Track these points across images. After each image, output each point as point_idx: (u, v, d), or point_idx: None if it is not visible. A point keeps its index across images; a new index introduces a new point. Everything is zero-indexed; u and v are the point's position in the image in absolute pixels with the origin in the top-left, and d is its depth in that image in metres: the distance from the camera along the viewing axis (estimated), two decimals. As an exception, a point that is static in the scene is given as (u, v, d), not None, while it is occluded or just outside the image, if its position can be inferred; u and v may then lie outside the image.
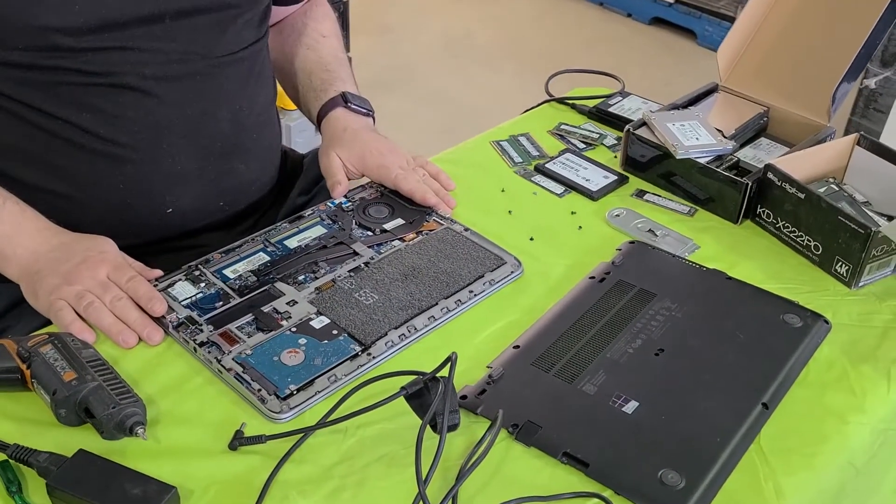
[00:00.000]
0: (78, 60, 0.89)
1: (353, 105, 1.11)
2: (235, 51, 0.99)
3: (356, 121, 1.11)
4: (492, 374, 0.82)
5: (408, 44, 3.34)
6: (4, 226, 0.89)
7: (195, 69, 0.95)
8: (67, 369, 0.75)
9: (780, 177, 1.01)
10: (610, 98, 1.29)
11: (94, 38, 0.88)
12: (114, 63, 0.90)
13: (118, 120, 0.93)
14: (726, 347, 0.86)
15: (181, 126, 0.96)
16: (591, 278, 0.94)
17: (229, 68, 0.99)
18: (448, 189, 1.07)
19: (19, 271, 0.89)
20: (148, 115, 0.94)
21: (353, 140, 1.08)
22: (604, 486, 0.72)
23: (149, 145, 0.95)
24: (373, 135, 1.10)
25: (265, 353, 0.82)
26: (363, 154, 1.06)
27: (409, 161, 1.08)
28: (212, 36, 0.96)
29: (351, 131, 1.09)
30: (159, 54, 0.92)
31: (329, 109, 1.11)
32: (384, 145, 1.08)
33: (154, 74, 0.92)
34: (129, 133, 0.94)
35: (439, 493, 0.70)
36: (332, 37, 1.20)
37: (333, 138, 1.09)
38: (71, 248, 0.89)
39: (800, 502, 0.74)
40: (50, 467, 0.70)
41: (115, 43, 0.89)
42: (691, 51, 3.36)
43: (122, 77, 0.91)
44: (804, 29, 1.19)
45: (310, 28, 1.18)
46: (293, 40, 1.18)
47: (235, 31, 0.98)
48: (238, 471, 0.73)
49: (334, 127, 1.10)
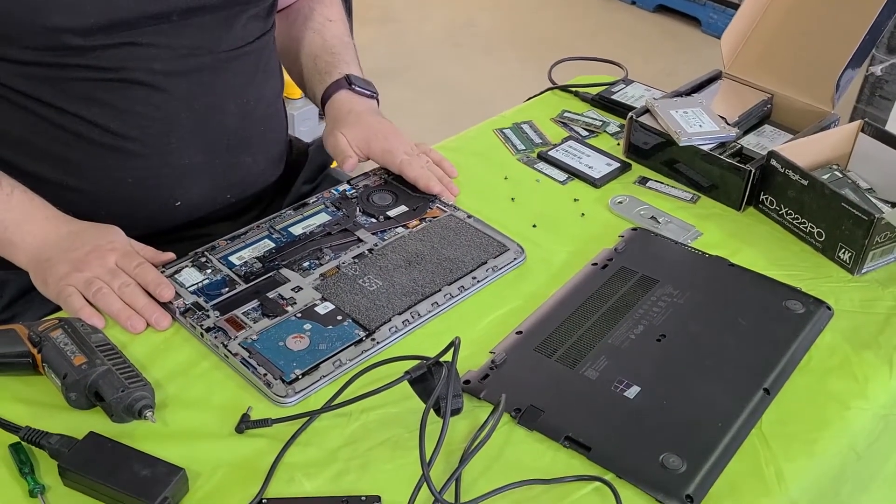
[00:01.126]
0: (88, 58, 0.90)
1: (357, 87, 1.12)
2: (242, 45, 0.99)
3: (360, 103, 1.11)
4: (494, 360, 0.82)
5: (411, 32, 3.34)
6: (13, 213, 0.90)
7: (203, 64, 0.96)
8: (77, 354, 0.76)
9: (783, 163, 1.01)
10: (613, 86, 1.29)
11: (104, 36, 0.89)
12: (123, 59, 0.91)
13: (127, 114, 0.94)
14: (728, 333, 0.86)
15: (189, 120, 0.97)
16: (593, 265, 0.95)
17: (236, 62, 0.99)
18: (451, 176, 1.08)
19: (28, 258, 0.90)
20: (157, 109, 0.95)
21: (357, 122, 1.08)
22: (605, 470, 0.73)
23: (157, 139, 0.96)
24: (377, 118, 1.10)
25: (271, 339, 0.83)
26: (368, 137, 1.06)
27: (413, 147, 1.08)
28: (219, 31, 0.96)
29: (355, 114, 1.09)
30: (168, 50, 0.93)
31: (333, 92, 1.12)
32: (388, 129, 1.08)
33: (163, 70, 0.93)
34: (138, 127, 0.95)
35: (442, 475, 0.71)
36: (338, 21, 1.20)
37: (338, 120, 1.09)
38: (80, 236, 0.90)
39: (801, 487, 0.74)
40: (61, 449, 0.71)
41: (124, 40, 0.90)
42: (695, 38, 3.35)
43: (132, 73, 0.92)
44: (808, 16, 1.18)
45: (316, 13, 1.19)
46: (300, 24, 1.18)
47: (242, 26, 0.99)
48: (245, 453, 0.74)
49: (338, 109, 1.10)
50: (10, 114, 0.93)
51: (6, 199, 0.90)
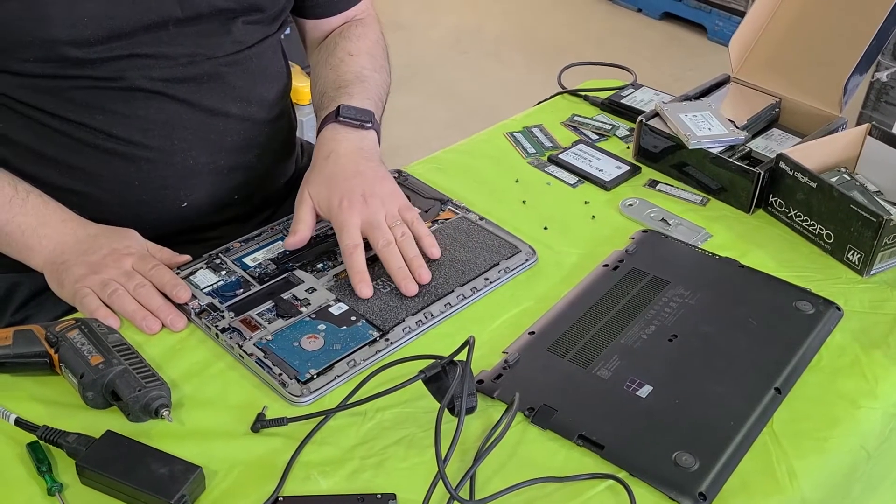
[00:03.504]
0: (88, 68, 0.91)
1: (345, 117, 0.98)
2: (240, 49, 1.00)
3: (345, 141, 0.97)
4: (507, 360, 0.83)
5: (418, 39, 3.36)
6: (29, 218, 0.91)
7: (202, 70, 0.97)
8: (94, 353, 0.77)
9: (792, 166, 1.02)
10: (622, 90, 1.30)
11: (103, 48, 0.90)
12: (122, 69, 0.92)
13: (130, 120, 0.95)
14: (739, 333, 0.87)
15: (191, 123, 0.98)
16: (604, 266, 0.96)
17: (236, 66, 1.00)
18: (431, 258, 0.93)
19: (44, 261, 0.91)
20: (158, 113, 0.96)
21: (330, 175, 0.94)
22: (618, 468, 0.74)
23: (161, 142, 0.97)
24: (357, 165, 0.95)
25: (285, 339, 0.84)
26: (330, 199, 0.92)
27: (392, 213, 0.93)
28: (215, 38, 0.97)
29: (334, 157, 0.96)
30: (166, 59, 0.94)
31: (322, 127, 1.00)
32: (364, 186, 0.93)
33: (162, 77, 0.95)
34: (141, 132, 0.96)
35: (457, 474, 0.71)
36: (360, 55, 1.10)
37: (314, 166, 0.96)
38: (97, 239, 0.91)
39: (813, 484, 0.75)
40: (79, 448, 0.71)
41: (122, 51, 0.91)
42: (702, 46, 3.36)
43: (132, 81, 0.93)
44: (815, 20, 1.19)
45: (339, 48, 1.11)
46: (322, 61, 1.12)
47: (239, 32, 0.99)
48: (260, 452, 0.75)
49: (319, 151, 0.98)
50: (16, 123, 0.95)
51: (22, 204, 0.92)
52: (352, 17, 1.16)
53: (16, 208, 0.91)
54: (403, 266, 0.90)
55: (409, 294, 0.89)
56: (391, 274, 0.90)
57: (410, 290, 0.89)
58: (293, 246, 0.93)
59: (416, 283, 0.89)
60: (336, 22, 1.15)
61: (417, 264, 0.90)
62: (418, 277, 0.90)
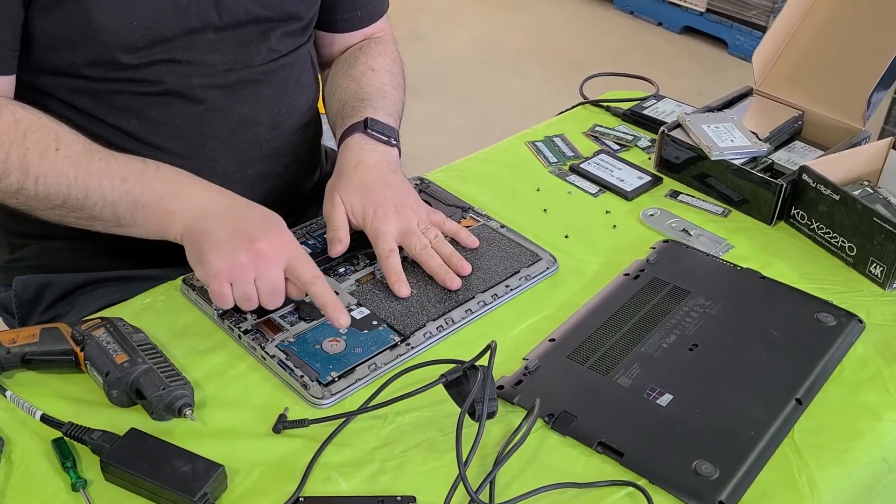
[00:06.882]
0: (132, 72, 0.92)
1: (373, 131, 1.00)
2: (276, 58, 1.01)
3: (373, 152, 0.99)
4: (528, 366, 0.83)
5: (438, 50, 3.38)
6: (165, 185, 0.87)
7: (239, 77, 0.98)
8: (119, 352, 0.78)
9: (815, 178, 1.02)
10: (644, 101, 1.30)
11: (146, 52, 0.92)
12: (163, 74, 0.94)
13: (164, 126, 0.96)
14: (760, 344, 0.87)
15: (223, 131, 0.99)
16: (625, 275, 0.96)
17: (270, 75, 1.01)
18: (469, 248, 0.97)
19: (185, 227, 0.86)
20: (193, 120, 0.97)
21: (360, 183, 0.96)
22: (638, 476, 0.74)
23: (192, 149, 0.98)
24: (386, 177, 0.98)
25: (307, 342, 0.84)
26: (365, 206, 0.94)
27: (422, 219, 0.96)
28: (254, 46, 0.99)
29: (363, 168, 0.97)
30: (204, 66, 0.95)
31: (347, 135, 1.02)
32: (396, 197, 0.96)
33: (201, 84, 0.96)
34: (174, 138, 0.97)
35: (477, 478, 0.72)
36: (381, 71, 1.11)
37: (342, 174, 0.98)
38: (242, 215, 0.87)
39: (833, 496, 0.75)
40: (103, 444, 0.72)
41: (164, 56, 0.93)
42: (722, 60, 3.35)
43: (170, 85, 0.94)
44: (838, 35, 1.19)
45: (360, 62, 1.12)
46: (342, 72, 1.12)
47: (275, 41, 1.01)
48: (282, 453, 0.75)
49: (347, 159, 0.99)
50: None
51: (154, 174, 0.88)
52: (371, 35, 1.17)
53: (148, 178, 0.87)
54: (443, 264, 0.93)
55: (454, 287, 0.92)
56: (433, 273, 0.92)
57: (455, 283, 0.92)
58: (339, 253, 0.94)
59: (458, 277, 0.92)
60: (356, 38, 1.16)
61: (456, 259, 0.94)
62: (460, 270, 0.93)
